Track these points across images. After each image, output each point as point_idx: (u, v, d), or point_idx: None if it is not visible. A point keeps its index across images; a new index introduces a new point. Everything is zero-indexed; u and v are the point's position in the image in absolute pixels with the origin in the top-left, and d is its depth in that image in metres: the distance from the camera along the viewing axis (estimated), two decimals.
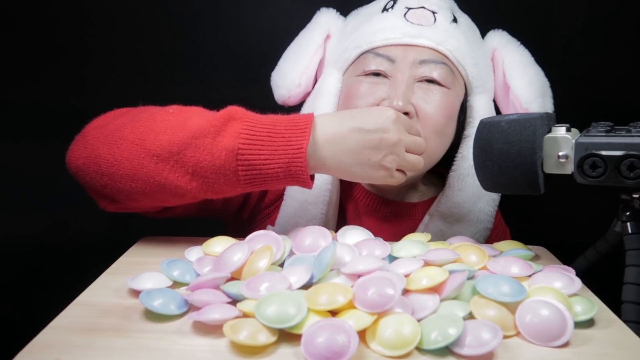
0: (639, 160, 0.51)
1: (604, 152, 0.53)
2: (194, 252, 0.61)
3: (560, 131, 0.56)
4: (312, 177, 0.62)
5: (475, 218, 0.76)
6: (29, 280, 1.04)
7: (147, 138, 0.59)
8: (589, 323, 0.49)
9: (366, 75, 0.72)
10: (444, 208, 0.76)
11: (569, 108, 0.68)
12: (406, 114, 0.69)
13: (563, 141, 0.55)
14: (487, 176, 0.59)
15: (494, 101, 0.80)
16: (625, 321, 0.51)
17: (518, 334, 0.47)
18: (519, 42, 0.79)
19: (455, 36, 0.73)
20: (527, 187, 0.57)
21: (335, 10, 0.83)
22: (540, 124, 0.56)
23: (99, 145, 0.60)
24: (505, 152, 0.57)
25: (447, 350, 0.44)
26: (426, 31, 0.72)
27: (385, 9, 0.75)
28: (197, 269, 0.56)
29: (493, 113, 0.78)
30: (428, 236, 0.65)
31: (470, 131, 0.75)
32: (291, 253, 0.58)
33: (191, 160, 0.58)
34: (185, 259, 0.59)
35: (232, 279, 0.53)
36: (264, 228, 0.77)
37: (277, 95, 0.80)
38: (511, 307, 0.48)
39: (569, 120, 0.58)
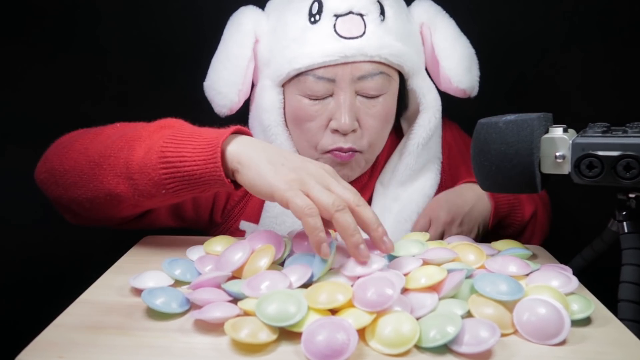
0: (635, 161, 0.51)
1: (600, 153, 0.53)
2: (195, 251, 0.61)
3: (557, 132, 0.56)
4: (235, 184, 0.58)
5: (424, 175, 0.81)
6: (33, 278, 1.04)
7: (90, 147, 0.62)
8: (585, 321, 0.50)
9: (310, 98, 0.73)
10: (396, 173, 0.80)
11: (566, 109, 0.69)
12: (353, 131, 0.73)
13: (560, 142, 0.56)
14: (485, 176, 0.60)
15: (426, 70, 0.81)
16: (621, 319, 0.51)
17: (515, 332, 0.47)
18: (444, 12, 0.79)
19: (387, 39, 0.72)
20: (525, 187, 0.58)
21: (255, 7, 0.79)
22: (538, 124, 0.56)
23: (53, 158, 0.65)
24: (503, 153, 0.57)
25: (445, 348, 0.44)
26: (359, 44, 0.71)
27: (312, 17, 0.72)
28: (198, 268, 0.57)
29: (434, 88, 0.79)
30: (426, 235, 0.66)
31: (423, 116, 0.78)
32: (291, 252, 0.59)
33: (121, 162, 0.59)
34: (186, 258, 0.60)
35: (233, 277, 0.54)
36: (236, 228, 0.79)
37: (217, 110, 0.78)
38: (509, 306, 0.48)
39: (566, 121, 0.58)
